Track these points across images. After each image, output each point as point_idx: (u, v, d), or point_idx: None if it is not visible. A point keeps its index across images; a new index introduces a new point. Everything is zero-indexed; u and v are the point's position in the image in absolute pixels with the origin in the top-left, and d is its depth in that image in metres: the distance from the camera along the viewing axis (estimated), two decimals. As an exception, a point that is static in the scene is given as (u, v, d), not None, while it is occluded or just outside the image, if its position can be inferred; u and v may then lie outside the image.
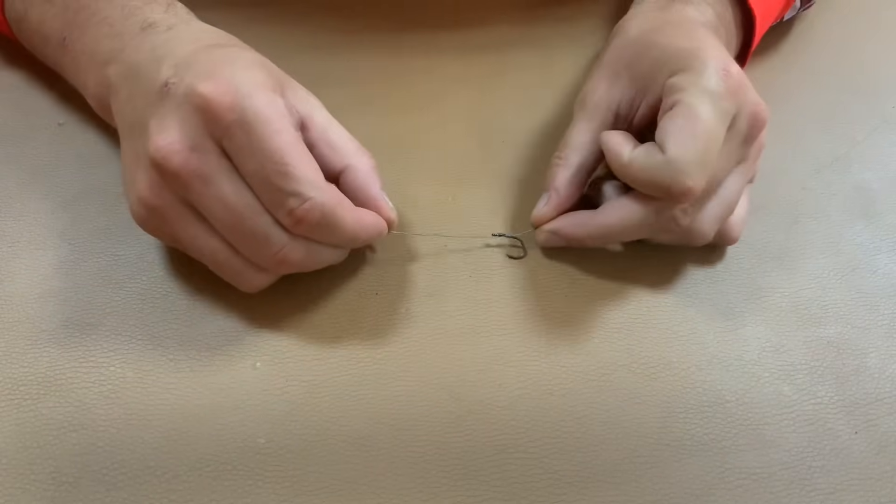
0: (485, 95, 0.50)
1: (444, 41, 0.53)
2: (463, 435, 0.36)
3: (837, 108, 0.51)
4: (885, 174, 0.48)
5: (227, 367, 0.37)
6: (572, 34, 0.55)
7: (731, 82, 0.38)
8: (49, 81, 0.48)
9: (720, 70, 0.38)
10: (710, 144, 0.37)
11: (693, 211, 0.38)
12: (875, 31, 0.57)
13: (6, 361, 0.37)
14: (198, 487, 0.34)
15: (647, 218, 0.38)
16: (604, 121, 0.41)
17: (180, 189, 0.35)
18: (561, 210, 0.41)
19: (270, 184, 0.34)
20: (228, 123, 0.34)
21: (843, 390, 0.38)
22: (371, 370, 0.37)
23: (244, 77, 0.35)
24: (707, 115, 0.37)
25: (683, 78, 0.38)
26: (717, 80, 0.37)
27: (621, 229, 0.39)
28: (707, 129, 0.37)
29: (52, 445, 0.34)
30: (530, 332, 0.39)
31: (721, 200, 0.39)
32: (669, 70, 0.39)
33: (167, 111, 0.35)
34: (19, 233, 0.41)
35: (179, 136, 0.34)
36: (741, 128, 0.38)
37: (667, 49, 0.40)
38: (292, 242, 0.36)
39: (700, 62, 0.38)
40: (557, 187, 0.41)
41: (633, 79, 0.41)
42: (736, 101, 0.38)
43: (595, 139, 0.41)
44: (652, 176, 0.37)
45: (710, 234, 0.40)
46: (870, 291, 0.42)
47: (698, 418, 0.37)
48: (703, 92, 0.37)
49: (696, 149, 0.36)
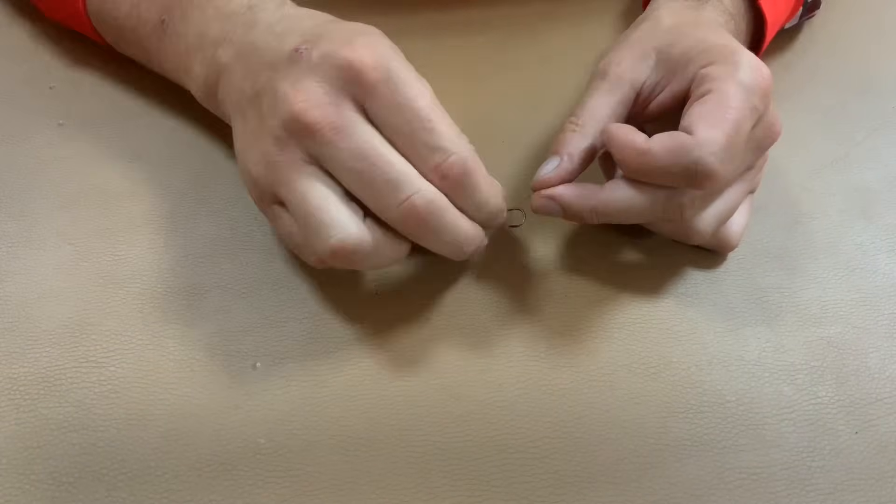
0: (483, 88, 0.50)
1: (445, 24, 0.53)
2: (463, 435, 0.36)
3: (837, 108, 0.51)
4: (885, 174, 0.48)
5: (227, 367, 0.37)
6: (576, 26, 0.55)
7: (764, 83, 0.37)
8: (49, 81, 0.48)
9: (756, 68, 0.38)
10: (739, 134, 0.36)
11: (701, 204, 0.38)
12: (875, 31, 0.57)
13: (6, 361, 0.37)
14: (198, 487, 0.34)
15: (656, 202, 0.37)
16: (626, 96, 0.40)
17: (312, 143, 0.35)
18: (570, 178, 0.39)
19: (416, 139, 0.35)
20: (374, 82, 0.35)
21: (843, 390, 0.38)
22: (371, 370, 0.37)
23: (382, 42, 0.36)
24: (740, 104, 0.36)
25: (719, 69, 0.38)
26: (752, 75, 0.37)
27: (626, 209, 0.38)
28: (738, 118, 0.36)
29: (52, 445, 0.34)
30: (530, 332, 0.39)
31: (724, 201, 0.39)
32: (704, 60, 0.38)
33: (302, 73, 0.36)
34: (19, 233, 0.41)
35: (319, 92, 0.35)
36: (759, 134, 0.38)
37: (703, 41, 0.39)
38: (427, 189, 0.35)
39: (737, 57, 0.38)
40: (572, 153, 0.38)
41: (662, 62, 0.40)
42: (765, 102, 0.37)
43: (614, 112, 0.40)
44: (677, 157, 0.35)
45: (708, 233, 0.40)
46: (870, 291, 0.42)
47: (698, 418, 0.37)
48: (739, 84, 0.37)
49: (727, 132, 0.36)
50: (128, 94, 0.48)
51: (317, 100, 0.35)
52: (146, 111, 0.47)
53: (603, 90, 0.40)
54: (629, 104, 0.40)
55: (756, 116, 0.37)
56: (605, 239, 0.43)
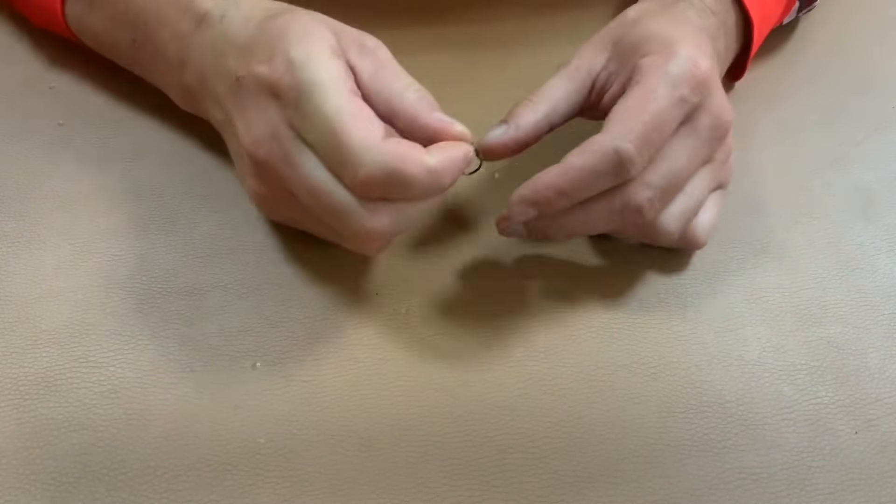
0: (485, 95, 0.50)
1: (445, 37, 0.53)
2: (463, 435, 0.36)
3: (837, 108, 0.51)
4: (885, 174, 0.48)
5: (227, 367, 0.37)
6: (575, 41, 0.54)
7: (697, 73, 0.38)
8: (48, 81, 0.48)
9: (689, 59, 0.38)
10: (656, 122, 0.36)
11: (659, 204, 0.38)
12: (876, 30, 0.57)
13: (6, 361, 0.37)
14: (198, 487, 0.34)
15: (613, 211, 0.38)
16: (582, 84, 0.41)
17: (274, 175, 0.36)
18: (516, 145, 0.39)
19: (331, 157, 0.35)
20: (290, 101, 0.35)
21: (843, 390, 0.38)
22: (371, 370, 0.37)
23: (298, 50, 0.35)
24: (661, 95, 0.37)
25: (651, 60, 0.38)
26: (682, 67, 0.37)
27: (586, 223, 0.39)
28: (656, 108, 0.37)
29: (52, 445, 0.34)
30: (530, 332, 0.39)
31: (687, 198, 0.39)
32: (643, 52, 0.39)
33: (246, 106, 0.36)
34: (19, 233, 0.41)
35: (261, 128, 0.36)
36: (703, 124, 0.38)
37: (648, 32, 0.40)
38: (372, 214, 0.35)
39: (672, 49, 0.38)
40: (519, 123, 0.39)
41: (615, 55, 0.41)
42: (698, 93, 0.38)
43: (568, 98, 0.40)
44: (592, 157, 0.36)
45: (676, 232, 0.40)
46: (870, 291, 0.42)
47: (698, 418, 0.37)
48: (665, 75, 0.37)
49: (643, 121, 0.36)
50: (127, 95, 0.48)
51: (261, 135, 0.36)
52: (146, 111, 0.47)
53: (561, 76, 0.41)
54: (584, 92, 0.41)
55: (685, 108, 0.37)
56: (605, 239, 0.43)
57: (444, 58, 0.52)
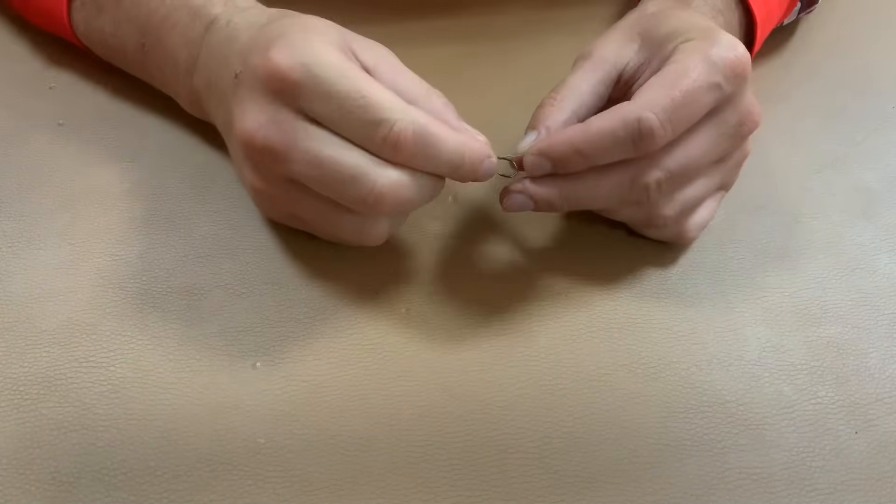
0: (486, 96, 0.50)
1: (446, 30, 0.53)
2: (463, 435, 0.36)
3: (837, 108, 0.51)
4: (885, 174, 0.48)
5: (227, 367, 0.37)
6: (577, 34, 0.55)
7: (738, 62, 0.37)
8: (49, 81, 0.48)
9: (732, 47, 0.37)
10: (686, 99, 0.36)
11: (667, 188, 0.38)
12: (875, 31, 0.57)
13: (6, 361, 0.37)
14: (198, 487, 0.34)
15: (622, 183, 0.37)
16: (607, 75, 0.40)
17: (273, 163, 0.36)
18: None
19: (356, 120, 0.34)
20: (295, 83, 0.34)
21: (843, 390, 0.38)
22: (371, 370, 0.37)
23: (299, 37, 0.35)
24: (696, 75, 0.36)
25: (693, 44, 0.37)
26: (723, 53, 0.37)
27: (594, 193, 0.38)
28: (689, 86, 0.36)
29: (52, 445, 0.34)
30: (530, 332, 0.39)
31: (694, 189, 0.39)
32: (683, 38, 0.38)
33: (242, 97, 0.36)
34: (19, 233, 0.41)
35: (257, 115, 0.35)
36: (730, 120, 0.38)
37: (686, 22, 0.39)
38: (385, 175, 0.35)
39: (715, 35, 0.38)
40: (549, 127, 0.38)
41: (646, 45, 0.40)
42: (733, 84, 0.37)
43: (594, 90, 0.39)
44: (614, 122, 0.36)
45: (672, 218, 0.39)
46: (870, 291, 0.42)
47: (698, 418, 0.37)
48: (704, 57, 0.36)
49: (672, 95, 0.35)
50: (127, 95, 0.48)
51: (257, 122, 0.35)
52: (145, 111, 0.47)
53: (585, 69, 0.40)
54: (610, 84, 0.40)
55: (718, 95, 0.37)
56: (605, 239, 0.43)
57: (445, 51, 0.52)
